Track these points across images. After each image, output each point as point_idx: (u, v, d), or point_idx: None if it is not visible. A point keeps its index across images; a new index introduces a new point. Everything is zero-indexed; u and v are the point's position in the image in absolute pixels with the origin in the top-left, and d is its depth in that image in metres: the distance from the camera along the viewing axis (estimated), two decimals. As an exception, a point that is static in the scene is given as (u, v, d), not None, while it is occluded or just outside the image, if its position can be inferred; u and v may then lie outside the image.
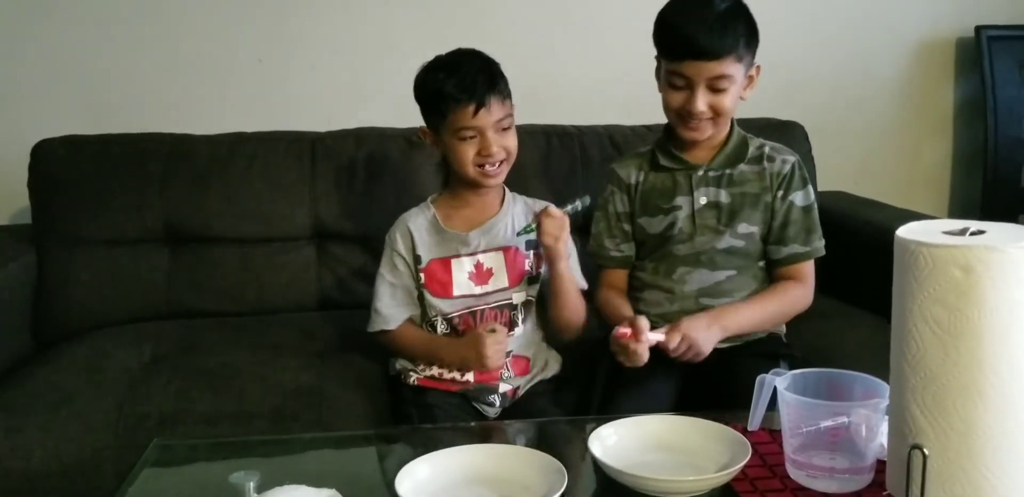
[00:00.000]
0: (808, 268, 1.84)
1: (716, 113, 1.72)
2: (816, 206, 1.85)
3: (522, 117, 2.56)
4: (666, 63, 1.73)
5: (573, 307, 1.80)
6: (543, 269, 1.81)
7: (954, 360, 0.99)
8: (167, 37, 2.67)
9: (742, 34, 1.68)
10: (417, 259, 1.80)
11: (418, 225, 1.82)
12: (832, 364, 1.32)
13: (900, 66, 3.04)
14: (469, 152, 1.73)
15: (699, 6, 1.69)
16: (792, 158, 1.83)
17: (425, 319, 1.83)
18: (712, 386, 1.75)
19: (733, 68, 1.68)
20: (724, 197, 1.80)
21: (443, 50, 2.75)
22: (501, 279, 1.79)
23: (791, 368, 1.38)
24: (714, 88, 1.69)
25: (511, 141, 1.76)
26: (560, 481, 1.20)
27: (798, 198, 1.82)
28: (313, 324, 2.24)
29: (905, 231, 1.04)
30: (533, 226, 1.70)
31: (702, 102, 1.69)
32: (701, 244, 1.81)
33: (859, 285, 2.12)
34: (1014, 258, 0.96)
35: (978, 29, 2.94)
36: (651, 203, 1.85)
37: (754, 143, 1.85)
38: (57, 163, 2.35)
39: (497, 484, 1.27)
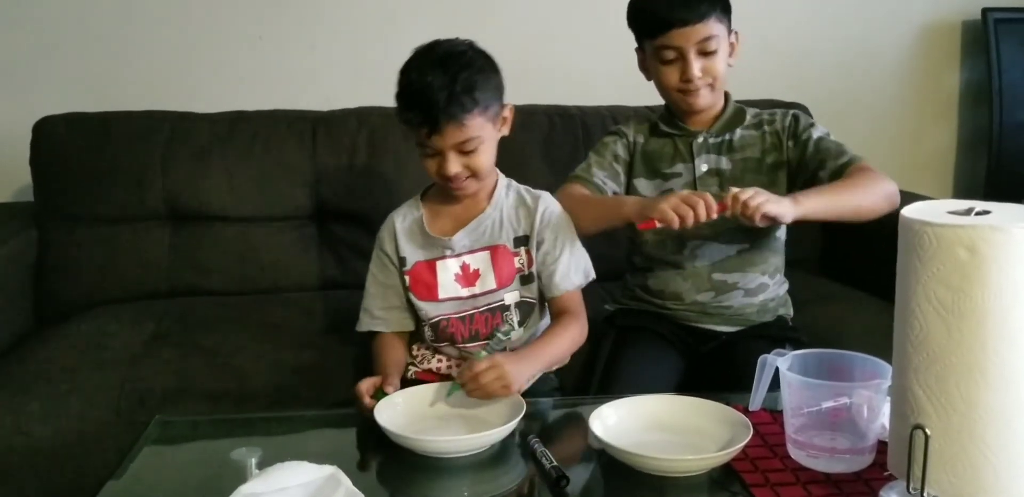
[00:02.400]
0: (867, 165, 1.79)
1: (712, 77, 1.73)
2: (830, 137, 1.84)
3: (524, 97, 2.56)
4: (651, 41, 1.73)
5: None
6: (534, 269, 1.69)
7: (957, 340, 0.98)
8: (168, 15, 2.67)
9: None
10: (402, 261, 1.70)
11: (404, 226, 1.72)
12: (835, 347, 1.32)
13: (905, 48, 3.03)
14: (431, 166, 1.61)
15: None
16: (790, 110, 1.86)
17: (418, 325, 1.74)
18: (717, 369, 1.75)
19: (717, 27, 1.70)
20: (725, 164, 1.80)
21: (444, 31, 2.74)
22: (489, 280, 1.68)
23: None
24: (704, 51, 1.70)
25: (479, 160, 1.60)
26: (519, 411, 1.35)
27: (814, 132, 1.82)
28: (314, 303, 2.24)
29: (910, 211, 1.04)
30: (458, 386, 1.45)
31: (697, 67, 1.70)
32: (705, 235, 1.77)
33: (862, 268, 2.12)
34: (1019, 238, 0.95)
35: (984, 11, 2.92)
36: (650, 165, 1.85)
37: (751, 112, 1.85)
38: (58, 141, 2.36)
39: (466, 417, 1.43)
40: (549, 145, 2.46)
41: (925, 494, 1.03)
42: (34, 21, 2.62)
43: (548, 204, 1.71)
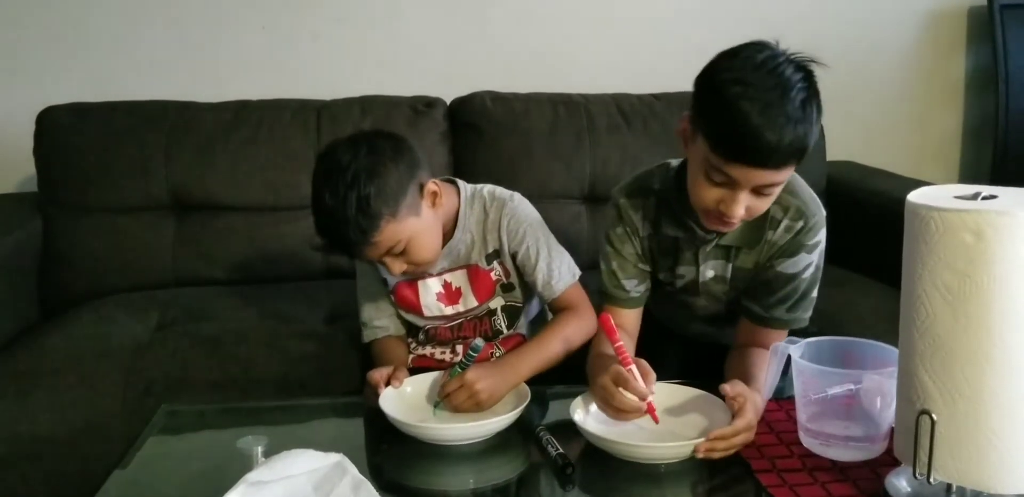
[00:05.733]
0: (771, 338, 1.47)
1: (751, 214, 1.39)
2: (811, 276, 1.53)
3: (528, 85, 2.57)
4: (710, 153, 1.32)
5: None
6: (512, 278, 1.69)
7: (963, 325, 0.98)
8: (171, 4, 2.65)
9: (813, 134, 1.31)
10: (384, 281, 1.71)
11: None
12: (842, 333, 1.32)
13: (911, 35, 3.01)
14: (379, 266, 1.59)
15: (771, 93, 1.28)
16: (799, 223, 1.49)
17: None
18: (721, 360, 1.70)
19: (787, 173, 1.35)
20: (729, 272, 1.58)
21: (447, 18, 2.74)
22: (470, 299, 1.68)
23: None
24: (760, 193, 1.36)
25: (417, 256, 1.53)
26: (524, 398, 1.38)
27: (785, 265, 1.51)
28: (319, 292, 2.24)
29: (916, 196, 1.03)
30: (441, 404, 1.43)
31: (742, 206, 1.35)
32: (704, 309, 1.68)
33: (867, 254, 2.11)
34: (1026, 223, 0.95)
35: (991, -2, 2.90)
36: (658, 260, 1.62)
37: (776, 209, 1.48)
38: (62, 130, 2.36)
39: None
40: (553, 133, 2.45)
41: (932, 479, 1.03)
42: (37, 11, 2.61)
43: (511, 214, 1.65)
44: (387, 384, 1.45)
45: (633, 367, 1.32)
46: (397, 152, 1.52)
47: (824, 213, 1.52)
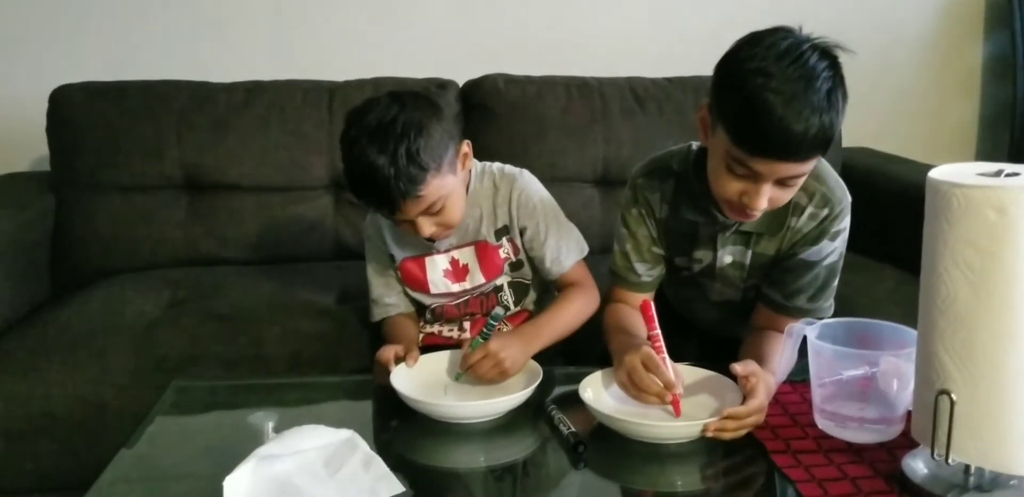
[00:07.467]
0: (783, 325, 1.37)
1: (773, 205, 1.36)
2: (833, 264, 1.51)
3: (543, 68, 2.55)
4: (732, 146, 1.28)
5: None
6: (521, 255, 1.68)
7: (985, 304, 0.97)
8: (185, -17, 2.65)
9: (838, 123, 1.28)
10: (391, 257, 1.71)
11: (388, 223, 1.67)
12: (858, 317, 1.30)
13: (929, 22, 2.99)
14: (404, 227, 1.56)
15: (795, 84, 1.23)
16: (824, 211, 1.45)
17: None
18: (735, 355, 1.65)
19: (812, 164, 1.31)
20: (748, 258, 1.54)
21: (461, 4, 2.73)
22: (477, 276, 1.67)
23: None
24: (784, 184, 1.32)
25: (450, 216, 1.53)
26: (536, 377, 1.37)
27: (808, 253, 1.48)
28: (329, 272, 2.24)
29: (938, 173, 1.02)
30: (463, 376, 1.44)
31: (765, 199, 1.32)
32: (719, 293, 1.64)
33: (883, 239, 2.10)
34: (1050, 200, 0.94)
35: (1010, -16, 2.88)
36: (674, 244, 1.59)
37: (801, 195, 1.44)
38: (75, 109, 2.35)
39: (483, 383, 1.43)
40: (567, 116, 2.44)
41: (950, 460, 1.02)
42: (50, -10, 2.61)
43: (521, 188, 1.64)
44: (398, 362, 1.44)
45: (666, 356, 1.31)
46: (436, 110, 1.53)
47: (850, 199, 1.48)
